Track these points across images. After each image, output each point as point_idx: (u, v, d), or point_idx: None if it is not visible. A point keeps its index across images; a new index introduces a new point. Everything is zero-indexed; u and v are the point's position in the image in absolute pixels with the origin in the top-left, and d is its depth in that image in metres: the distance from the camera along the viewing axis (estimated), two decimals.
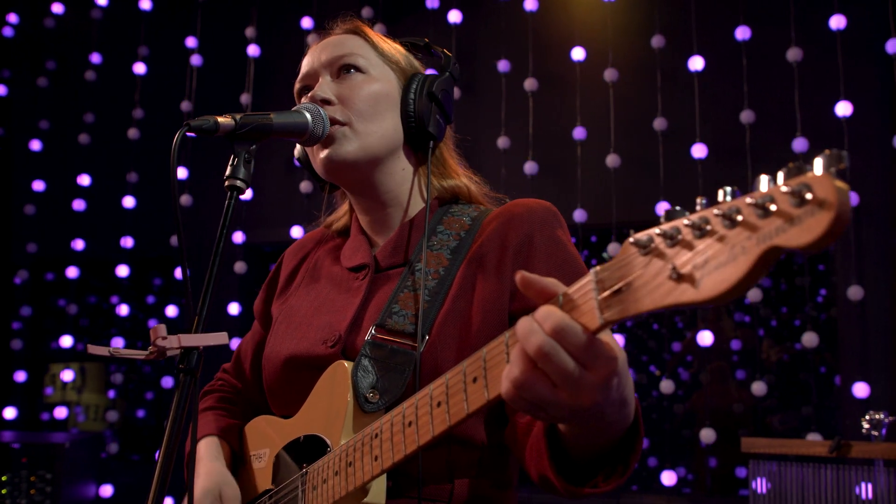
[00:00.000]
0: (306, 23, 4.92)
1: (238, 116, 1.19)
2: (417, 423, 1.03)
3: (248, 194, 4.97)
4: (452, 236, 1.37)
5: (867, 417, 3.08)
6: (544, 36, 4.61)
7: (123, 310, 5.13)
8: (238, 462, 1.52)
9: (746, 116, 4.07)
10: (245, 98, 4.95)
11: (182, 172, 5.02)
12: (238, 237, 4.87)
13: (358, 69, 1.40)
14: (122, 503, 5.08)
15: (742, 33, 4.14)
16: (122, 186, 5.17)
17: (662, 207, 4.09)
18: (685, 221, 0.72)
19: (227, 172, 1.18)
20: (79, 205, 5.24)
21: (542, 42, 4.59)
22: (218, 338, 1.07)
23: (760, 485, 3.20)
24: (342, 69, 1.40)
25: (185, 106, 5.02)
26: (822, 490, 3.03)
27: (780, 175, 0.66)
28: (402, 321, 1.27)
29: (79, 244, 5.25)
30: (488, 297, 1.28)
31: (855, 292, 3.79)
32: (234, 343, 4.17)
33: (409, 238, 1.40)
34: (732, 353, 5.35)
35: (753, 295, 3.96)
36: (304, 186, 4.79)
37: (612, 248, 4.12)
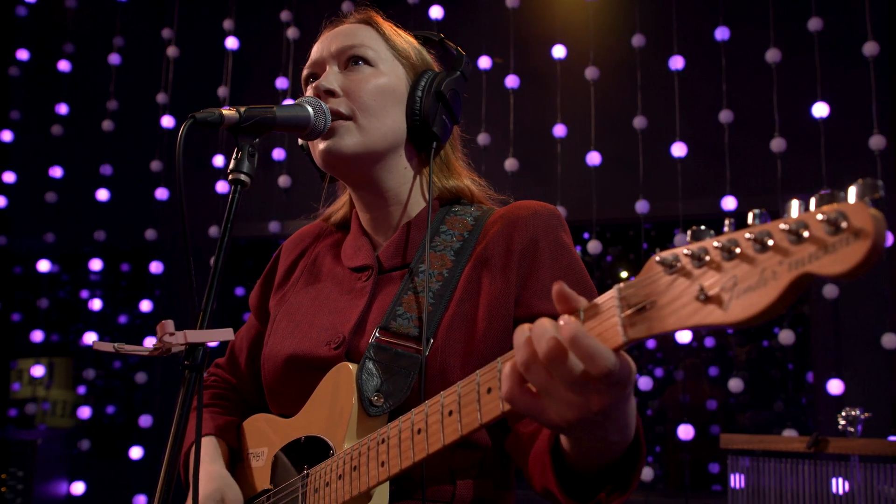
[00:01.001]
0: (285, 16, 4.88)
1: (242, 109, 1.16)
2: (427, 430, 1.02)
3: (225, 188, 4.92)
4: (456, 237, 1.35)
5: (843, 414, 3.13)
6: (526, 33, 4.62)
7: (96, 304, 5.06)
8: (235, 459, 1.50)
9: (725, 116, 4.12)
10: (222, 91, 4.90)
11: (157, 165, 4.95)
12: (213, 231, 4.82)
13: (367, 62, 1.36)
14: (94, 501, 5.01)
15: (721, 34, 4.18)
16: (95, 179, 5.10)
17: (642, 205, 4.13)
18: (715, 243, 0.71)
19: (231, 166, 1.15)
20: (51, 197, 5.15)
21: (524, 39, 4.60)
22: (224, 334, 1.04)
23: (738, 480, 3.23)
24: (350, 60, 1.37)
25: (161, 98, 4.95)
26: (799, 485, 3.07)
27: (813, 201, 0.66)
28: (407, 324, 1.25)
29: (50, 237, 5.17)
30: (494, 301, 1.26)
31: (830, 290, 3.84)
32: None
33: (411, 238, 1.38)
34: (704, 350, 5.40)
35: None
36: (283, 181, 4.76)
37: (592, 245, 4.14)
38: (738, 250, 0.70)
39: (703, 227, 0.74)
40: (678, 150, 4.18)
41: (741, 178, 4.17)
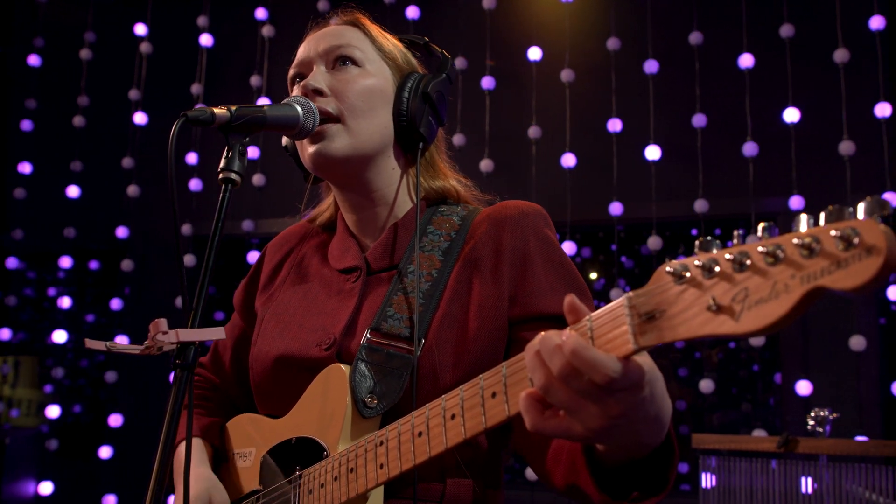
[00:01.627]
0: (260, 13, 4.85)
1: (233, 108, 1.16)
2: (429, 433, 1.03)
3: (198, 185, 4.88)
4: (443, 237, 1.36)
5: (812, 414, 3.19)
6: (502, 34, 4.64)
7: (65, 302, 5.00)
8: (220, 460, 1.49)
9: (698, 120, 4.17)
10: (196, 88, 4.86)
11: (128, 162, 4.90)
12: (186, 229, 4.78)
13: (354, 62, 1.37)
14: (62, 501, 4.95)
15: (695, 38, 4.23)
16: (65, 175, 5.03)
17: (616, 207, 4.16)
18: (727, 255, 0.73)
19: (222, 165, 1.15)
20: (20, 193, 5.08)
21: (500, 40, 4.61)
22: (215, 332, 1.05)
23: (708, 480, 3.28)
24: (338, 61, 1.37)
25: (134, 94, 4.90)
26: (769, 485, 3.12)
27: (822, 216, 0.69)
28: (398, 325, 1.26)
29: (18, 234, 5.09)
30: (485, 301, 1.27)
31: None
32: None
33: (399, 239, 1.39)
34: (673, 351, 5.46)
35: None
36: (257, 179, 4.73)
37: (567, 246, 4.16)
38: (748, 262, 0.72)
39: (709, 238, 0.76)
40: (652, 152, 4.23)
41: (713, 182, 4.23)
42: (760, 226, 0.73)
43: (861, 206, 0.66)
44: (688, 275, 0.77)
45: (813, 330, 4.22)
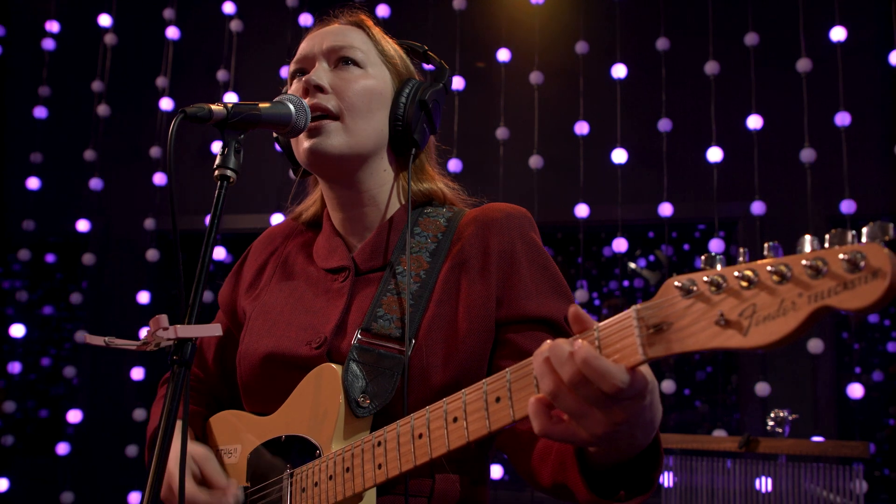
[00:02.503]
0: (228, 7, 4.81)
1: (230, 105, 1.17)
2: (430, 435, 1.05)
3: (162, 180, 4.82)
4: (430, 238, 1.38)
5: (772, 415, 3.26)
6: (471, 35, 4.66)
7: (23, 295, 4.91)
8: None
9: (664, 125, 4.23)
10: (161, 81, 4.80)
11: (90, 154, 4.83)
12: (149, 224, 4.72)
13: (356, 63, 1.39)
14: (19, 497, 4.86)
15: (662, 44, 4.29)
16: (25, 167, 4.94)
17: (582, 209, 4.21)
18: (735, 273, 0.77)
19: (218, 161, 1.16)
20: None
21: (469, 41, 4.63)
22: (212, 329, 1.05)
23: (668, 479, 3.33)
24: (341, 60, 1.39)
25: (97, 86, 4.83)
26: (729, 484, 3.19)
27: (827, 238, 0.72)
28: (388, 325, 1.28)
29: None
30: (474, 302, 1.30)
31: None
32: None
33: (387, 240, 1.40)
34: None
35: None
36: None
37: None
38: (756, 280, 0.75)
39: (713, 254, 0.80)
40: (618, 156, 4.28)
41: (678, 186, 4.29)
42: (766, 245, 0.77)
43: (865, 231, 0.70)
44: (696, 289, 0.80)
45: None
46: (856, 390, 3.78)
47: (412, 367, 1.24)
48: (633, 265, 6.03)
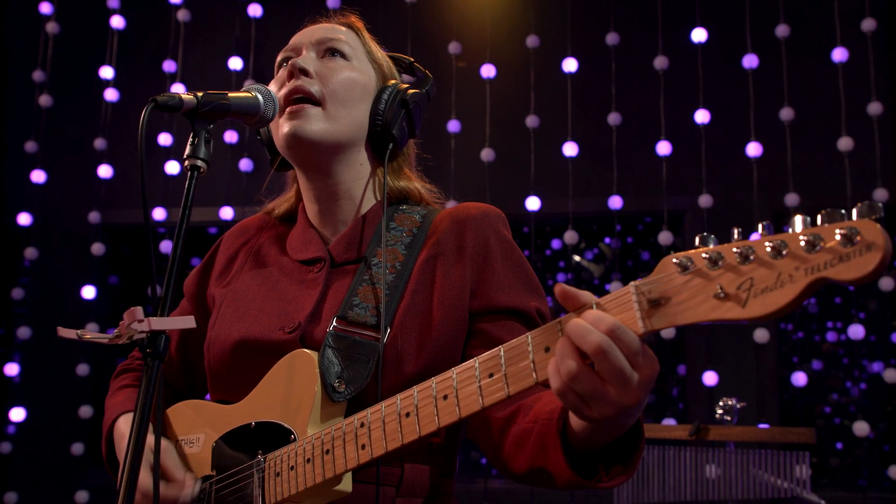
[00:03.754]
0: None
1: (199, 94, 1.17)
2: (418, 414, 1.07)
3: (107, 172, 4.72)
4: (405, 232, 1.41)
5: (721, 403, 3.33)
6: (422, 29, 4.65)
7: None
8: None
9: (614, 118, 4.28)
10: (105, 71, 4.70)
11: (32, 146, 4.70)
12: (94, 217, 4.62)
13: (343, 55, 1.43)
14: None
15: (612, 39, 4.33)
16: None
17: (533, 202, 4.23)
18: (733, 249, 0.81)
19: (188, 152, 1.15)
20: None
21: (420, 34, 4.62)
22: (185, 321, 1.06)
23: None
24: (328, 51, 1.43)
25: (38, 76, 4.70)
26: (679, 471, 3.26)
27: (819, 217, 0.78)
28: (364, 313, 1.30)
29: None
30: (448, 293, 1.32)
31: None
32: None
33: (362, 233, 1.43)
34: None
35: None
36: (169, 168, 4.61)
37: None
38: (753, 256, 0.80)
39: (705, 234, 0.85)
40: (569, 149, 4.32)
41: (627, 179, 4.35)
42: (760, 224, 0.81)
43: (855, 210, 0.75)
44: (692, 265, 0.84)
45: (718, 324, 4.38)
46: (800, 378, 3.87)
47: (387, 354, 1.26)
48: (577, 258, 6.09)
